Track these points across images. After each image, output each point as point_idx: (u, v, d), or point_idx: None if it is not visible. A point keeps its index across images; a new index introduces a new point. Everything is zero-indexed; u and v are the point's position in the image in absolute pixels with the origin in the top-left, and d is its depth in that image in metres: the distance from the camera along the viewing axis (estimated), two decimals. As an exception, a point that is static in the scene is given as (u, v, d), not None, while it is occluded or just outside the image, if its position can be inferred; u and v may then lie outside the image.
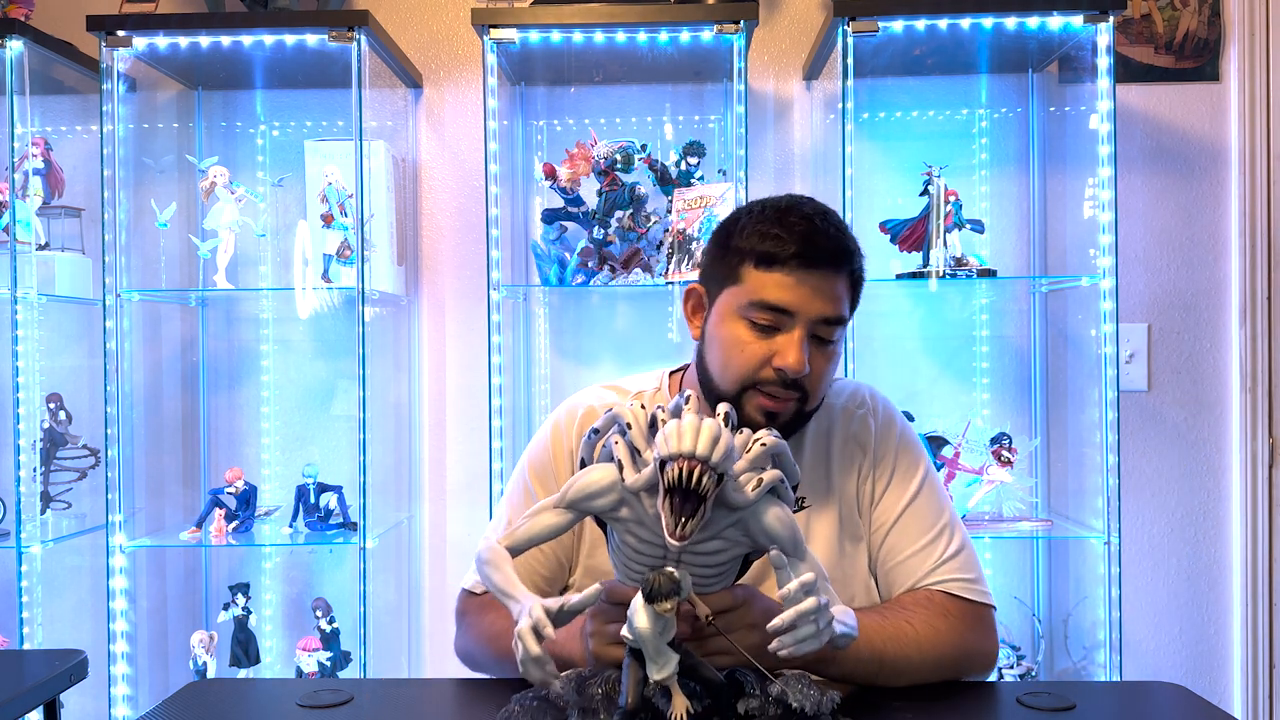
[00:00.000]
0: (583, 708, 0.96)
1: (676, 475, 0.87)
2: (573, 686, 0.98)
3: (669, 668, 0.90)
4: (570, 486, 0.96)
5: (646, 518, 0.94)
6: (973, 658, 1.23)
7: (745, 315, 1.20)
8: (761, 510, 0.94)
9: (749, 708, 0.96)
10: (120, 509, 2.08)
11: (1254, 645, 2.31)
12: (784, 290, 1.18)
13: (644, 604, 0.89)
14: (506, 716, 0.99)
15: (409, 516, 2.38)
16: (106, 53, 2.06)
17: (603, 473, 0.95)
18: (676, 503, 0.88)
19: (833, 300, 1.20)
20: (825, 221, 1.21)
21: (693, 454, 0.87)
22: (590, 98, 2.38)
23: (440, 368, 2.40)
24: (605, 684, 0.98)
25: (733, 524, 0.95)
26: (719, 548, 0.96)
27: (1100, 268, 2.02)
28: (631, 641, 0.92)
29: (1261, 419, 2.30)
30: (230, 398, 2.42)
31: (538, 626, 0.91)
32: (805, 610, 0.92)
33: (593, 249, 2.14)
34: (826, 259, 1.19)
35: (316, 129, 2.39)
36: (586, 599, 0.93)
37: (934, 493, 1.31)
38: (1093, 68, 2.03)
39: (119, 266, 2.09)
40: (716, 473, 0.88)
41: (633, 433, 0.94)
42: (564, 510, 0.97)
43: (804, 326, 1.18)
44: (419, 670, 2.38)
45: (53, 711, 1.44)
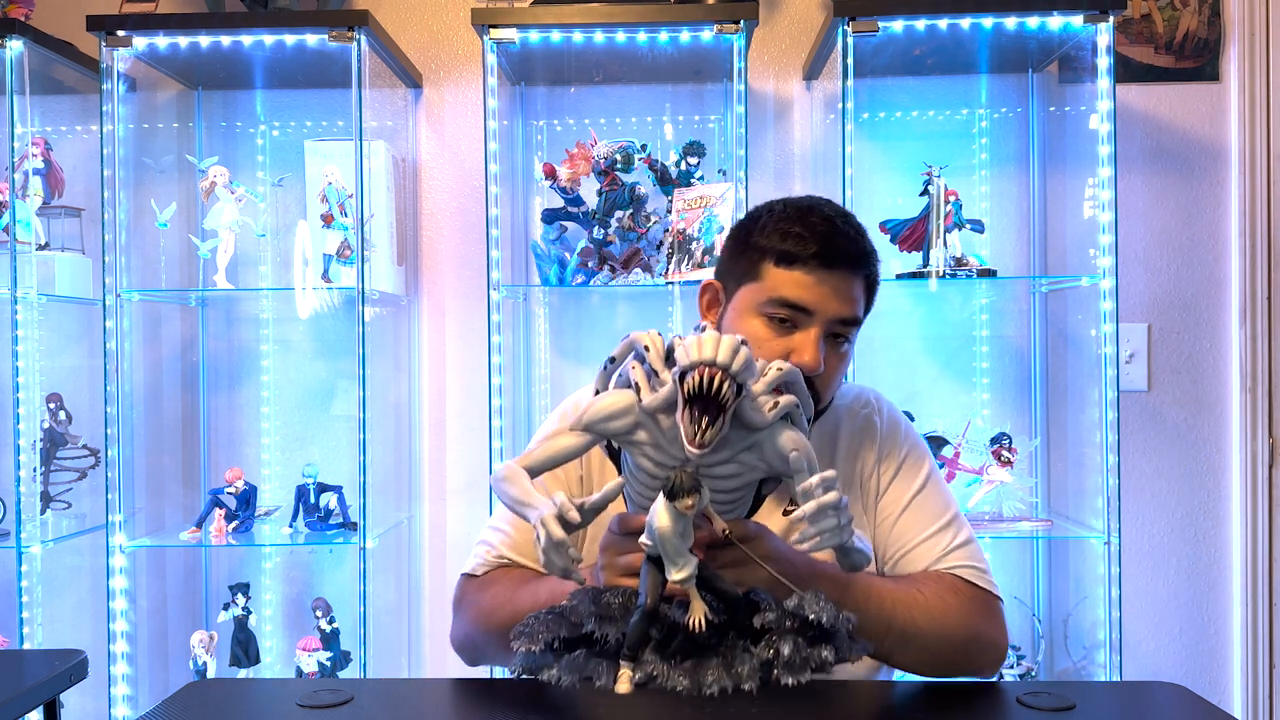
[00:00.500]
0: (600, 616, 0.96)
1: (697, 383, 0.87)
2: (589, 597, 0.98)
3: (688, 568, 0.90)
4: (587, 409, 0.96)
5: (663, 439, 0.94)
6: (981, 644, 1.22)
7: (763, 312, 1.22)
8: (777, 433, 0.95)
9: (765, 621, 0.95)
10: (120, 509, 2.08)
11: (1254, 645, 2.31)
12: (803, 289, 1.20)
13: (665, 503, 0.89)
14: (523, 629, 0.99)
15: (409, 516, 2.38)
16: (106, 53, 2.06)
17: (620, 395, 0.96)
18: (696, 412, 0.88)
19: (850, 301, 1.22)
20: (846, 223, 1.24)
21: (713, 361, 0.87)
22: (590, 98, 2.38)
23: (440, 368, 2.40)
24: (622, 595, 0.98)
25: (749, 447, 0.95)
26: (734, 471, 0.96)
27: (1100, 268, 2.02)
28: (650, 549, 0.92)
29: (1261, 419, 2.30)
30: (230, 398, 2.42)
31: (562, 512, 0.91)
32: (827, 502, 0.93)
33: (593, 249, 2.14)
34: (845, 260, 1.22)
35: (316, 129, 2.39)
36: (608, 494, 0.93)
37: (940, 488, 1.33)
38: (1093, 68, 2.03)
39: (119, 266, 2.09)
40: (736, 382, 0.88)
41: (650, 355, 0.94)
42: (581, 433, 0.97)
43: (821, 325, 1.20)
44: (419, 670, 2.38)
45: (53, 711, 1.44)
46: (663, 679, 0.94)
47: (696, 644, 0.94)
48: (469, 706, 1.15)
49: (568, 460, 0.98)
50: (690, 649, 0.95)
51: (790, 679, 0.93)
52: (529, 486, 0.96)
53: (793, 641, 0.94)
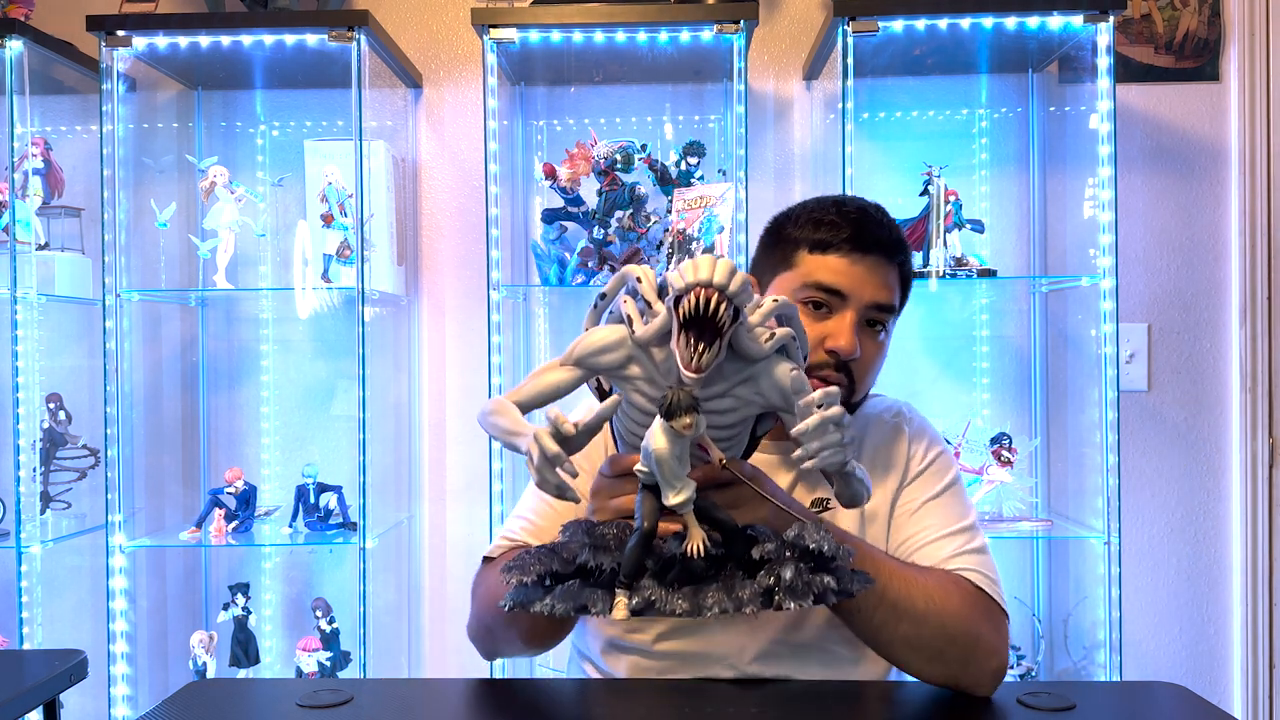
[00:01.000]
0: (594, 546, 0.94)
1: (693, 304, 0.84)
2: (582, 529, 0.96)
3: (686, 491, 0.88)
4: (578, 343, 0.94)
5: (656, 373, 0.92)
6: (980, 647, 1.15)
7: (798, 298, 1.24)
8: (773, 365, 0.93)
9: (765, 552, 0.93)
10: (120, 509, 2.08)
11: (1254, 645, 2.31)
12: (838, 273, 1.23)
13: (662, 424, 0.86)
14: (514, 564, 0.96)
15: (409, 516, 2.38)
16: (106, 53, 2.06)
17: (611, 329, 0.94)
18: (691, 336, 0.85)
19: (885, 287, 1.24)
20: (879, 213, 1.28)
21: (710, 282, 0.84)
22: (590, 98, 2.38)
23: (440, 368, 2.40)
24: (616, 527, 0.96)
25: (745, 380, 0.93)
26: (730, 406, 0.94)
27: (1100, 268, 2.02)
28: (646, 476, 0.90)
29: (1261, 419, 2.30)
30: (230, 398, 2.42)
31: (557, 425, 0.88)
32: (831, 415, 0.91)
33: (593, 249, 2.14)
34: (879, 246, 1.24)
35: (316, 129, 2.39)
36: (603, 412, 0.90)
37: (961, 497, 1.31)
38: (1093, 68, 2.03)
39: (119, 266, 2.09)
40: (733, 305, 0.86)
41: (643, 287, 0.92)
42: (571, 367, 0.94)
43: (856, 310, 1.22)
44: (419, 670, 2.38)
45: (52, 711, 1.44)
46: (661, 603, 0.91)
47: (693, 574, 0.92)
48: (468, 706, 1.15)
49: (558, 397, 0.95)
50: (687, 579, 0.92)
51: (791, 603, 0.90)
52: (519, 418, 0.93)
53: (794, 566, 0.91)
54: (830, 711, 1.11)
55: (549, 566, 0.95)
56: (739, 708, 1.09)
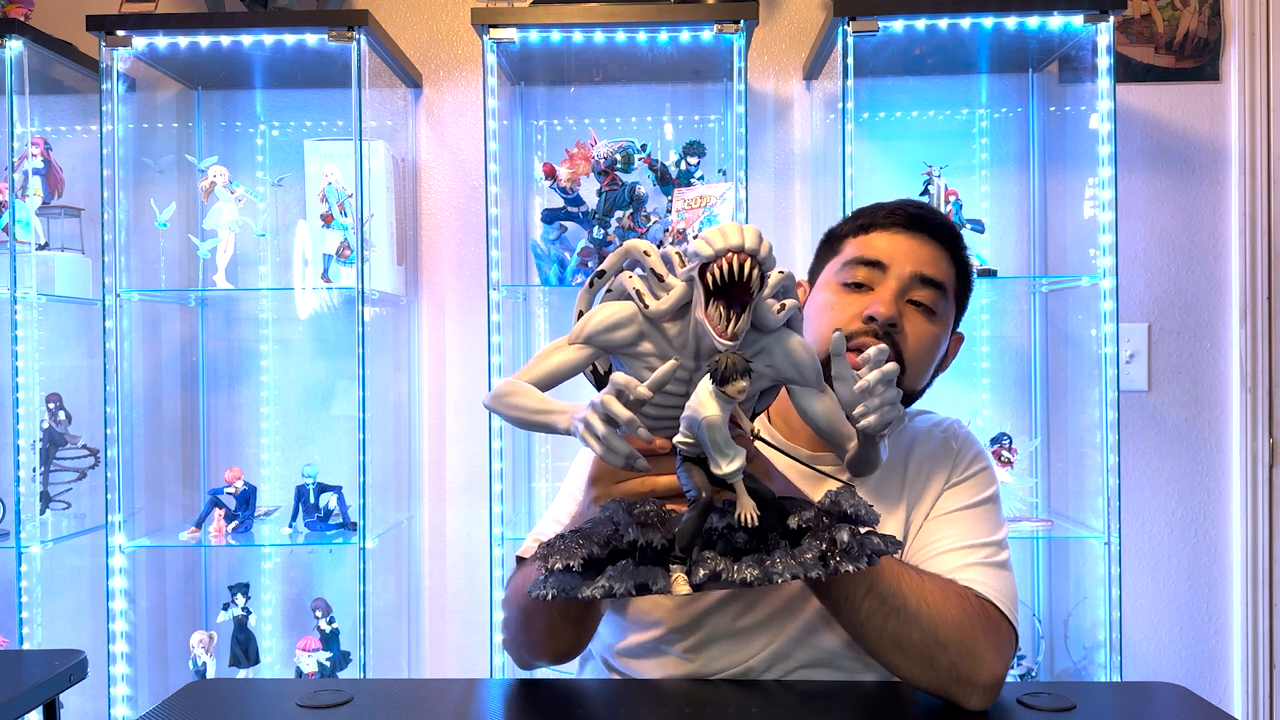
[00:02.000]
0: (640, 524, 0.91)
1: (726, 270, 0.83)
2: (621, 508, 0.93)
3: (739, 459, 0.86)
4: (588, 321, 0.91)
5: (670, 349, 0.90)
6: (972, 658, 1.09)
7: (840, 279, 1.23)
8: (785, 338, 0.93)
9: (803, 520, 0.92)
10: (120, 509, 2.08)
11: (1254, 645, 2.31)
12: (878, 247, 1.23)
13: (713, 390, 0.84)
14: (551, 549, 0.92)
15: (409, 516, 2.38)
16: (106, 53, 2.06)
17: (620, 306, 0.91)
18: (721, 306, 0.84)
19: (931, 262, 1.22)
20: (925, 206, 1.28)
21: (742, 247, 0.83)
22: (590, 98, 2.38)
23: (440, 368, 2.40)
24: (654, 504, 0.93)
25: (758, 353, 0.92)
26: None
27: (1100, 268, 2.02)
28: (689, 448, 0.88)
29: (1261, 419, 2.30)
30: (230, 398, 2.42)
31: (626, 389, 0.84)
32: (889, 371, 0.90)
33: (593, 249, 2.14)
34: (923, 224, 1.23)
35: (316, 129, 2.39)
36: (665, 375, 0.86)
37: (994, 514, 1.27)
38: (1093, 68, 2.03)
39: (119, 266, 2.09)
40: (763, 269, 0.85)
41: (651, 260, 0.90)
42: (582, 346, 0.92)
43: (898, 280, 1.21)
44: (419, 670, 2.38)
45: (52, 712, 1.44)
46: (728, 573, 0.88)
47: (734, 546, 0.90)
48: (468, 706, 1.15)
49: (567, 376, 0.92)
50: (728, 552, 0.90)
51: (850, 566, 0.89)
52: (545, 396, 0.90)
53: (849, 529, 0.90)
54: (831, 712, 1.11)
55: (588, 550, 0.91)
56: (739, 708, 1.09)
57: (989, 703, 1.10)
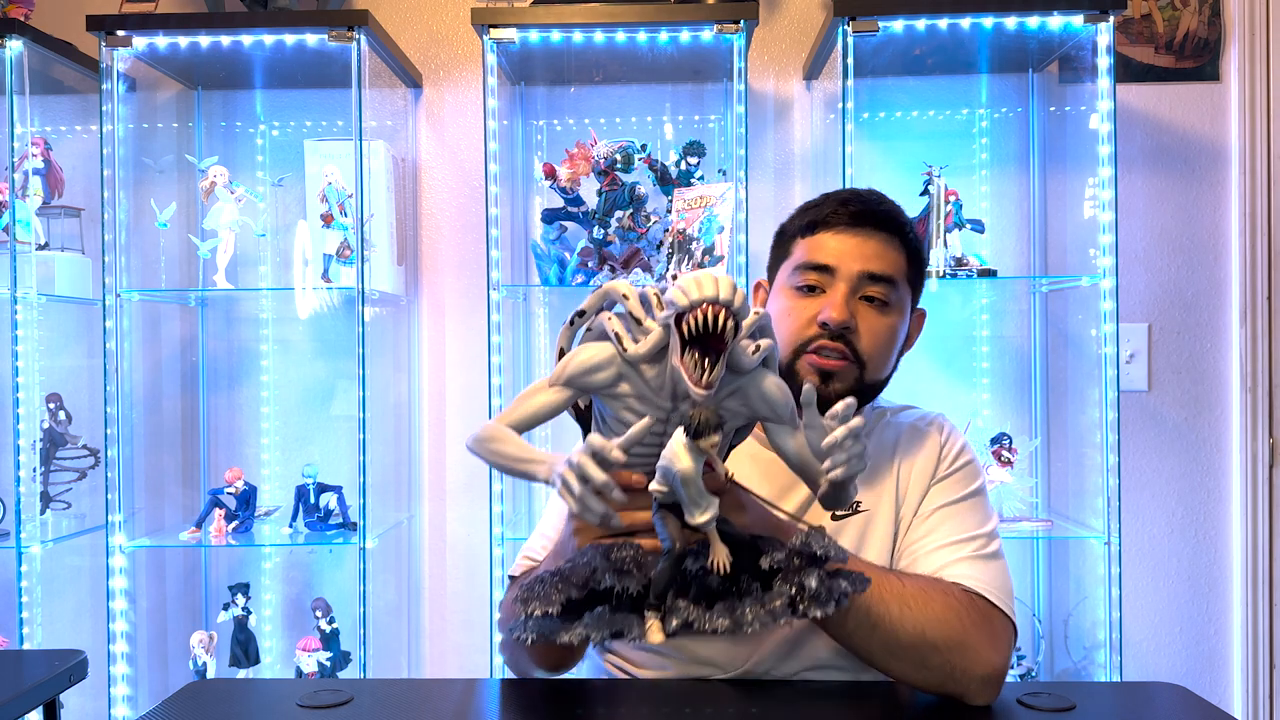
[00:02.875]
0: (616, 570, 0.93)
1: (701, 321, 0.85)
2: (599, 554, 0.94)
3: (711, 509, 0.88)
4: (567, 363, 0.93)
5: (647, 390, 0.92)
6: (967, 652, 1.10)
7: (792, 283, 1.25)
8: (760, 377, 0.94)
9: (774, 561, 0.94)
10: (120, 509, 2.08)
11: (1254, 645, 2.31)
12: (825, 249, 1.24)
13: (686, 444, 0.86)
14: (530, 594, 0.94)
15: (409, 516, 2.38)
16: (106, 53, 2.06)
17: (599, 348, 0.93)
18: (697, 353, 0.86)
19: (878, 258, 1.23)
20: (870, 192, 1.28)
21: (716, 299, 0.85)
22: (590, 98, 2.38)
23: (440, 368, 2.40)
24: (632, 549, 0.95)
25: (732, 392, 0.93)
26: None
27: (1100, 268, 2.02)
28: (663, 496, 0.90)
29: (1261, 419, 2.30)
30: (230, 398, 2.42)
31: (601, 452, 0.86)
32: (855, 426, 0.92)
33: (593, 249, 2.14)
34: (868, 218, 1.24)
35: (316, 129, 2.39)
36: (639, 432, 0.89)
37: (981, 507, 1.27)
38: (1093, 68, 2.03)
39: (119, 266, 2.09)
40: (736, 319, 0.87)
41: (630, 303, 0.92)
42: (561, 388, 0.94)
43: (847, 282, 1.22)
44: (419, 670, 2.38)
45: (53, 712, 1.44)
46: (700, 623, 0.91)
47: (712, 591, 0.92)
48: (468, 706, 1.15)
49: (548, 418, 0.94)
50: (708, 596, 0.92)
51: (818, 611, 0.91)
52: (523, 442, 0.92)
53: (816, 574, 0.92)
54: (830, 711, 1.11)
55: (566, 594, 0.93)
56: (739, 707, 1.09)
57: (992, 696, 1.10)
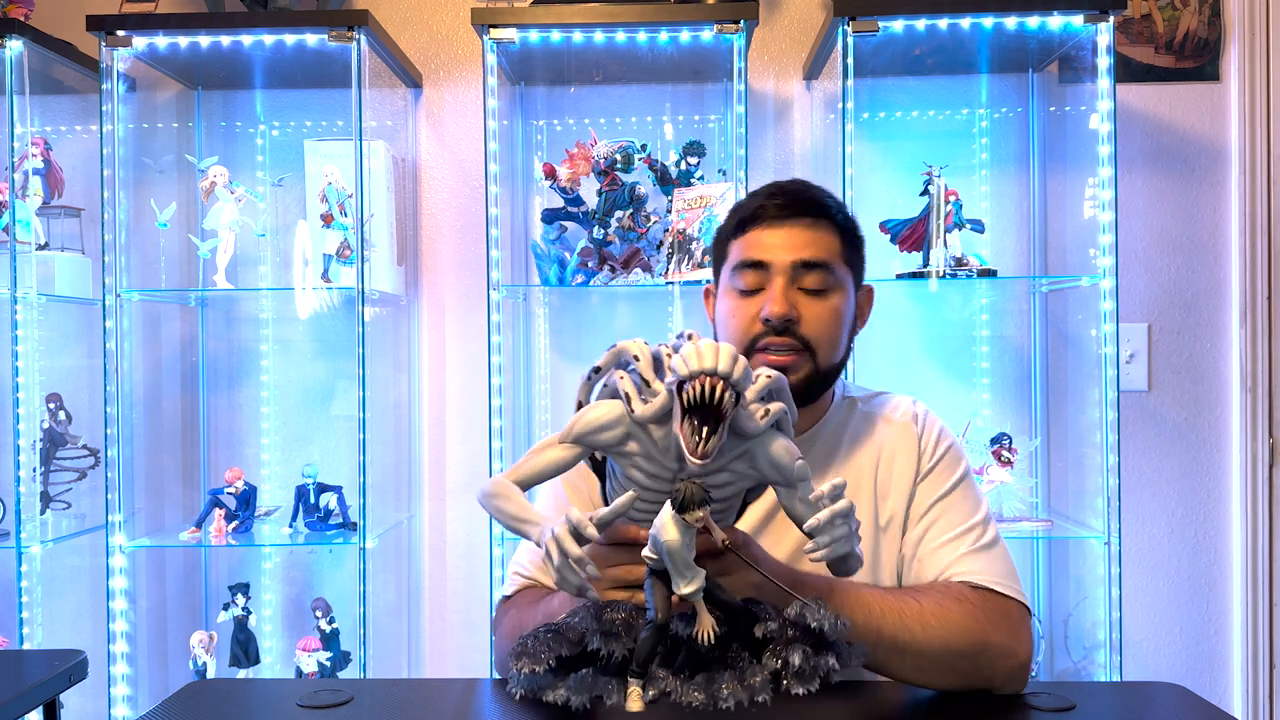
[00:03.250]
0: (604, 633, 0.95)
1: (698, 392, 0.87)
2: (590, 614, 0.97)
3: (697, 581, 0.90)
4: (577, 421, 0.95)
5: (654, 450, 0.94)
6: (991, 653, 1.13)
7: (732, 285, 1.26)
8: (768, 441, 0.95)
9: (767, 631, 0.95)
10: (120, 509, 2.08)
11: (1254, 645, 2.31)
12: (756, 246, 1.25)
13: (673, 516, 0.88)
14: (522, 650, 0.97)
15: (409, 516, 2.38)
16: (106, 53, 2.06)
17: (609, 407, 0.95)
18: (695, 422, 0.88)
19: (809, 245, 1.24)
20: (795, 183, 1.29)
21: (714, 370, 0.87)
22: (590, 98, 2.38)
23: (440, 368, 2.40)
24: (624, 611, 0.97)
25: (740, 455, 0.95)
26: (726, 480, 0.96)
27: (1100, 268, 2.02)
28: (654, 563, 0.91)
29: (1261, 419, 2.30)
30: (230, 398, 2.42)
31: (578, 528, 0.89)
32: (840, 510, 0.92)
33: (593, 249, 2.14)
34: (795, 208, 1.25)
35: (316, 129, 2.39)
36: (620, 507, 0.92)
37: (969, 492, 1.29)
38: (1093, 68, 2.03)
39: (119, 266, 2.09)
40: (735, 391, 0.88)
41: (639, 365, 0.94)
42: (570, 445, 0.96)
43: (783, 275, 1.23)
44: (419, 670, 2.38)
45: (52, 711, 1.44)
46: (676, 695, 0.93)
47: (701, 657, 0.94)
48: (468, 706, 1.15)
49: (557, 474, 0.97)
50: (695, 662, 0.94)
51: (801, 689, 0.93)
52: (525, 502, 0.95)
53: (801, 651, 0.93)
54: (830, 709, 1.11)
55: (557, 651, 0.96)
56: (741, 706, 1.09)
57: (1022, 684, 1.16)
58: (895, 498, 1.28)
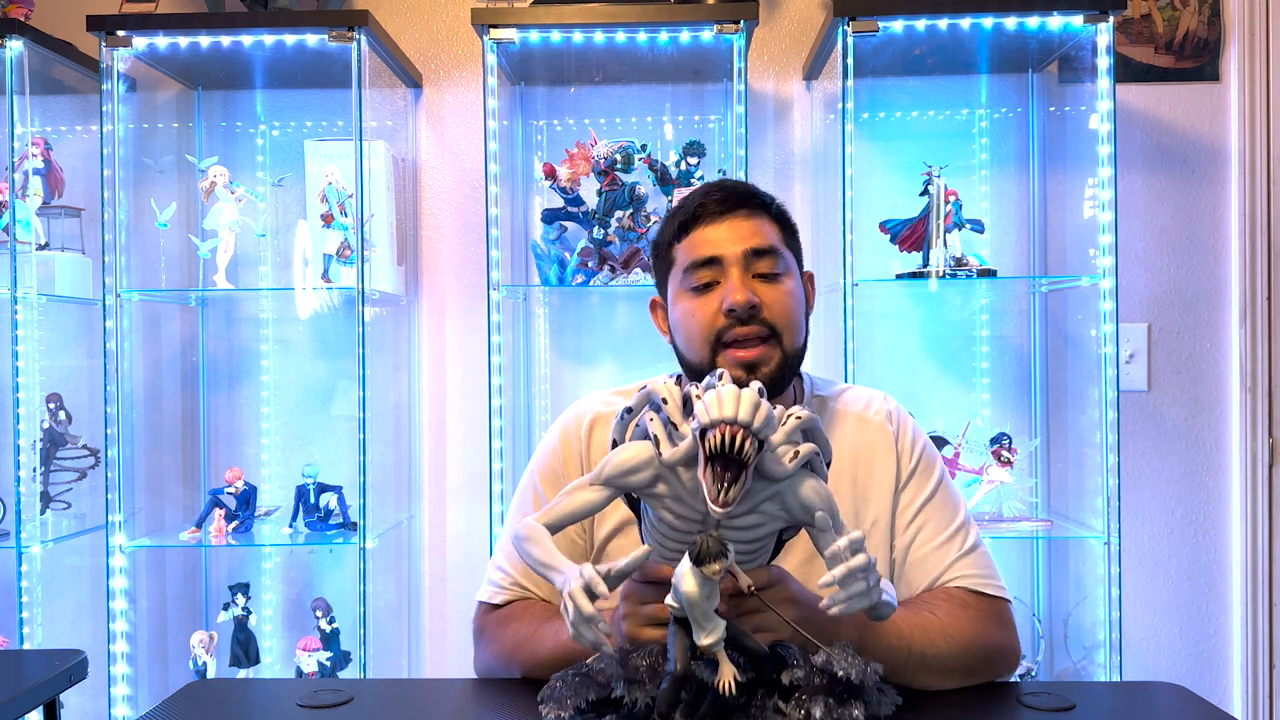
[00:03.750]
0: (628, 680, 0.96)
1: (719, 441, 0.86)
2: (616, 660, 0.98)
3: (717, 632, 0.90)
4: (607, 463, 0.96)
5: (684, 492, 0.94)
6: (994, 652, 1.21)
7: (686, 287, 1.27)
8: (798, 482, 0.94)
9: (794, 678, 0.95)
10: (120, 509, 2.08)
11: (1254, 645, 2.31)
12: (704, 244, 1.26)
13: (691, 568, 0.88)
14: (550, 694, 0.98)
15: (409, 516, 2.38)
16: (106, 53, 2.06)
17: (639, 449, 0.95)
18: (718, 470, 0.87)
19: (755, 234, 1.27)
20: (723, 180, 1.33)
21: (735, 419, 0.86)
22: (590, 98, 2.38)
23: (440, 368, 2.40)
24: (649, 656, 0.98)
25: (770, 497, 0.94)
26: (756, 522, 0.95)
27: (1100, 268, 2.02)
28: (676, 611, 0.91)
29: (1261, 419, 2.30)
30: (230, 398, 2.42)
31: (590, 585, 0.90)
32: (856, 566, 0.92)
33: (593, 249, 2.14)
34: (732, 202, 1.28)
35: (316, 129, 2.39)
36: (634, 562, 0.92)
37: (948, 494, 1.32)
38: (1093, 68, 2.03)
39: (119, 266, 2.09)
40: (758, 439, 0.87)
41: (668, 408, 0.94)
42: (601, 487, 0.96)
43: (738, 265, 1.25)
44: (419, 670, 2.38)
45: (53, 711, 1.44)
46: None
47: (725, 705, 0.93)
48: (469, 707, 1.15)
49: (588, 515, 0.98)
50: (719, 711, 0.94)
51: None
52: (551, 548, 0.95)
53: (824, 702, 0.93)
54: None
55: (584, 696, 0.97)
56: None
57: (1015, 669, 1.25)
58: (878, 502, 1.29)
